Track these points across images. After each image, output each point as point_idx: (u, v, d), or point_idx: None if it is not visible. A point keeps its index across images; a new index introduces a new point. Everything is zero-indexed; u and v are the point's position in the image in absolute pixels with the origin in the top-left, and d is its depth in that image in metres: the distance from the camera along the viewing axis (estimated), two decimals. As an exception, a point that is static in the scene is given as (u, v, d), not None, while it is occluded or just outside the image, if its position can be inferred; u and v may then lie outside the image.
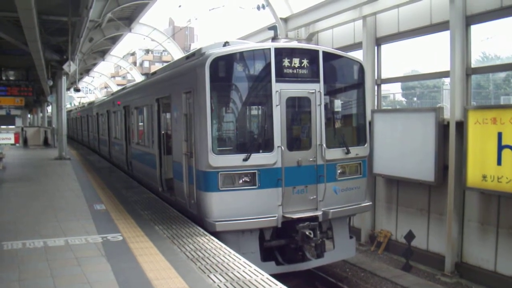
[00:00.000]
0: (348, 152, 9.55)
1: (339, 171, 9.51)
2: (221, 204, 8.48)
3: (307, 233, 8.67)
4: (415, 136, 12.08)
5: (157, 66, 58.25)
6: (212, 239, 7.67)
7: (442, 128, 11.43)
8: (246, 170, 8.57)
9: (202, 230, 8.28)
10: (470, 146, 10.45)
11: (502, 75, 12.70)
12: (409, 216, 12.86)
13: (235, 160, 8.54)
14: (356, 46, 14.93)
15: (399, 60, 14.54)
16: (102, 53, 34.25)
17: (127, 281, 5.68)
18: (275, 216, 8.66)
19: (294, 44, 13.79)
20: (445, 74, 12.13)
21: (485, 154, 10.12)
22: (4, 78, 28.07)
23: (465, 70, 11.11)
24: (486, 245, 10.73)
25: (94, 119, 26.60)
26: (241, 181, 8.59)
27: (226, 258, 6.66)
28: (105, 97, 27.49)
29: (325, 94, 9.30)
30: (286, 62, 8.93)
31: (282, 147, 8.73)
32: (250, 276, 5.87)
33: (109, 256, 6.73)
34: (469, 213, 11.13)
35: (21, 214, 9.66)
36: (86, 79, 52.08)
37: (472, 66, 11.25)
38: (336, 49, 11.97)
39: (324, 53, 9.36)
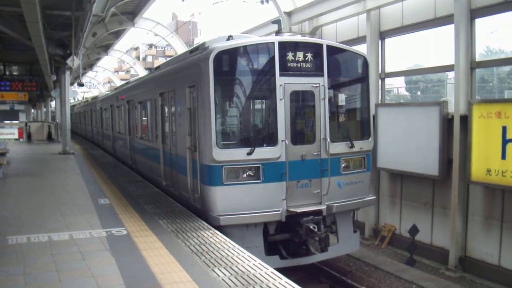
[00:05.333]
0: (352, 146, 9.53)
1: (343, 165, 9.50)
2: (225, 198, 8.49)
3: (311, 227, 8.67)
4: (419, 130, 12.05)
5: (161, 61, 58.21)
6: (216, 233, 7.68)
7: (446, 122, 11.40)
8: (250, 164, 8.56)
9: (206, 224, 8.29)
10: (475, 140, 10.43)
11: (506, 69, 12.65)
12: (413, 210, 12.85)
13: (239, 154, 8.53)
14: (360, 40, 14.89)
15: (403, 54, 14.49)
16: (105, 48, 34.23)
17: (131, 275, 5.70)
18: (279, 210, 8.65)
19: (298, 38, 13.75)
20: (449, 68, 12.09)
21: (490, 148, 10.09)
22: (8, 73, 28.14)
23: (470, 64, 11.07)
24: (490, 239, 10.72)
25: (98, 114, 26.63)
26: (245, 175, 8.58)
27: (230, 252, 6.67)
28: (109, 92, 27.49)
29: (329, 88, 9.27)
30: (290, 56, 8.90)
31: (286, 141, 8.72)
32: (255, 270, 5.88)
33: (114, 250, 6.74)
34: (473, 207, 11.12)
35: (25, 209, 9.70)
36: (90, 73, 52.12)
37: (477, 60, 11.21)
38: (340, 43, 11.94)
39: (328, 47, 9.33)
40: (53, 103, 43.62)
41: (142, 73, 37.34)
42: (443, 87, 15.09)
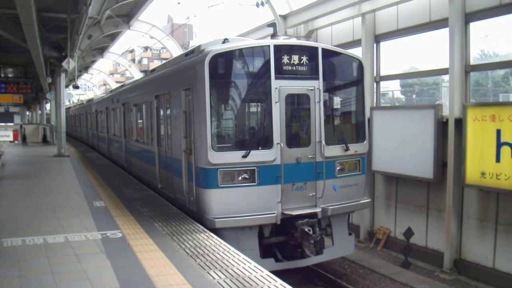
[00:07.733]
0: (347, 149, 9.56)
1: (338, 168, 9.52)
2: (220, 201, 8.49)
3: (306, 230, 8.69)
4: (414, 133, 12.09)
5: (156, 63, 58.15)
6: (212, 236, 7.68)
7: (441, 125, 11.44)
8: (246, 167, 8.57)
9: (201, 227, 8.29)
10: (469, 143, 10.47)
11: (501, 72, 12.73)
12: (408, 213, 12.88)
13: (234, 157, 8.54)
14: (355, 43, 14.93)
15: (398, 57, 14.55)
16: (101, 50, 34.18)
17: (127, 278, 5.69)
18: (274, 213, 8.66)
19: (293, 41, 13.77)
20: (444, 71, 12.14)
21: (484, 151, 10.13)
22: (2, 75, 28.03)
23: (464, 67, 11.12)
24: (484, 242, 10.75)
25: (93, 116, 26.59)
26: (240, 178, 8.59)
27: (225, 254, 6.67)
28: (104, 94, 27.45)
29: (324, 91, 9.30)
30: (285, 59, 8.92)
31: (281, 144, 8.74)
32: (250, 273, 5.88)
33: (109, 252, 6.74)
34: (467, 210, 11.15)
35: (20, 211, 9.66)
36: (85, 76, 51.94)
37: (471, 63, 11.26)
38: (335, 46, 11.98)
39: (323, 50, 9.35)
40: (48, 106, 43.53)
41: (138, 75, 37.29)
42: (438, 90, 15.18)
